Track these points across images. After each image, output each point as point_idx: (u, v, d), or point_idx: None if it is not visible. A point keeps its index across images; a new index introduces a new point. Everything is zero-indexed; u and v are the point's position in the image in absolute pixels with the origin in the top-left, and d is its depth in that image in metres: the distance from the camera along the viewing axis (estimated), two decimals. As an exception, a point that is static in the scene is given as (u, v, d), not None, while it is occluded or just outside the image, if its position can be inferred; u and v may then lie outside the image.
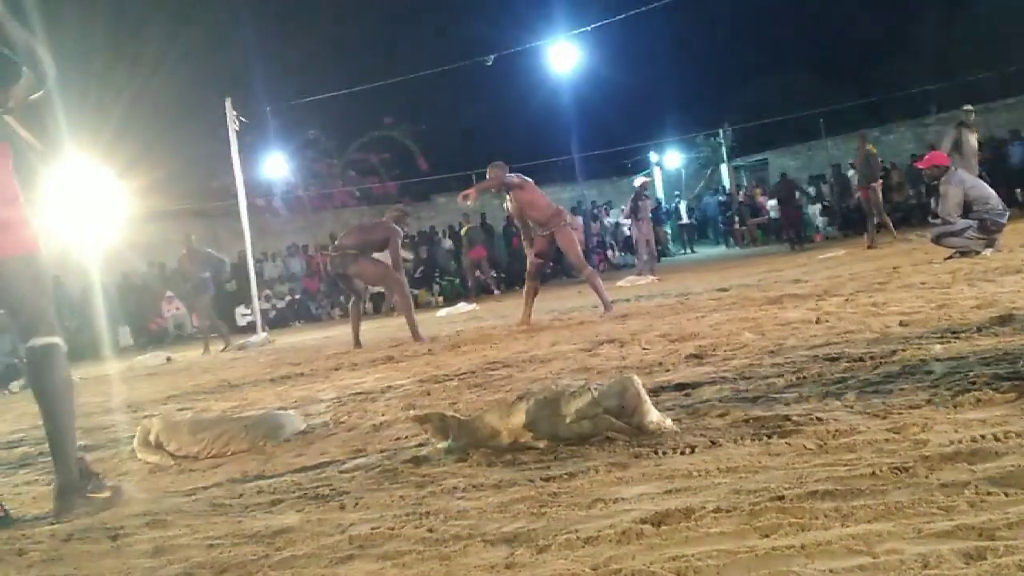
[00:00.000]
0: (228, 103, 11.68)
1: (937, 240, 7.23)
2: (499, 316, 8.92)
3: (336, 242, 7.04)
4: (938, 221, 7.40)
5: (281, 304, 17.01)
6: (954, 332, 3.12)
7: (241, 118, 11.79)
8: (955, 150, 10.08)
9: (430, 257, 18.61)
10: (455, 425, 2.36)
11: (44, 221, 2.48)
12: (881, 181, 12.13)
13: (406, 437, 2.69)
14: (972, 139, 10.10)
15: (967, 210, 7.02)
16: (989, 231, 6.96)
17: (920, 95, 19.82)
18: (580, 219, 20.16)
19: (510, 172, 6.76)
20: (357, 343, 6.99)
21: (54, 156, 2.46)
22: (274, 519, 1.95)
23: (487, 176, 6.85)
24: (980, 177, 8.59)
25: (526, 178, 6.81)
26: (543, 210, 6.71)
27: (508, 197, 6.80)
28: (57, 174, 2.50)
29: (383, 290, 11.21)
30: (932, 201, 11.36)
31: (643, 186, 12.86)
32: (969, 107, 10.16)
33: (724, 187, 23.89)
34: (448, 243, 19.26)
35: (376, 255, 7.00)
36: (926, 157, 7.96)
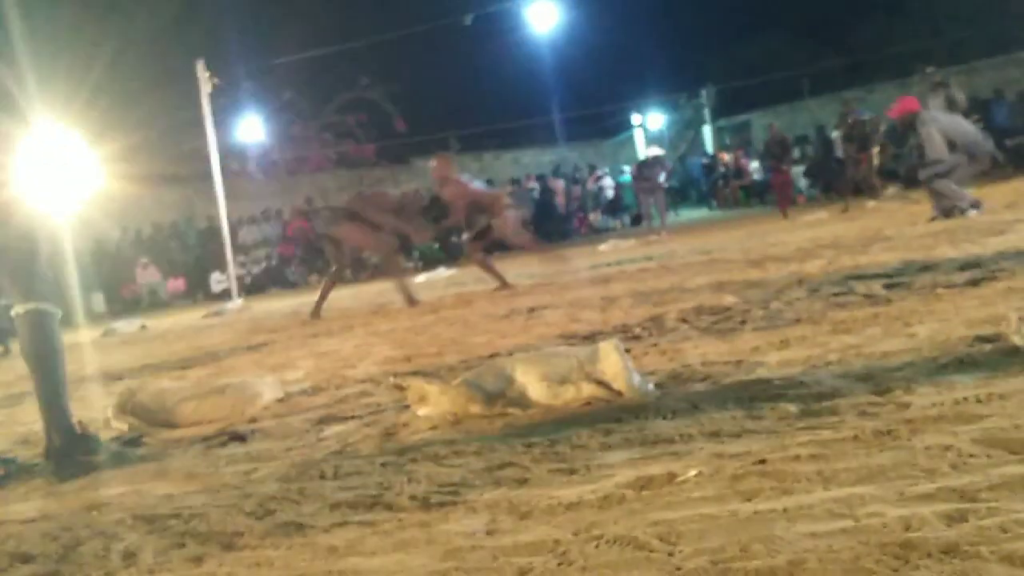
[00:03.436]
0: (200, 65, 11.40)
1: (928, 182, 7.03)
2: (480, 281, 8.88)
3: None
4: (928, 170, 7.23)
5: (256, 270, 16.81)
6: (937, 294, 3.13)
7: (215, 79, 11.52)
8: None
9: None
10: (435, 391, 2.34)
11: (18, 188, 2.48)
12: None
13: (386, 404, 2.66)
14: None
15: (951, 148, 6.91)
16: (978, 160, 6.93)
17: (905, 54, 19.67)
18: (562, 182, 20.13)
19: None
20: (316, 314, 6.71)
21: (25, 121, 2.46)
22: (254, 488, 1.92)
23: (432, 165, 7.07)
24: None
25: (460, 177, 7.08)
26: (482, 199, 6.93)
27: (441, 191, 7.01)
28: (28, 140, 2.48)
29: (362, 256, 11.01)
30: (914, 153, 11.11)
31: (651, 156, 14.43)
32: (931, 69, 9.65)
33: (707, 150, 23.81)
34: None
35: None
36: (896, 106, 7.68)
